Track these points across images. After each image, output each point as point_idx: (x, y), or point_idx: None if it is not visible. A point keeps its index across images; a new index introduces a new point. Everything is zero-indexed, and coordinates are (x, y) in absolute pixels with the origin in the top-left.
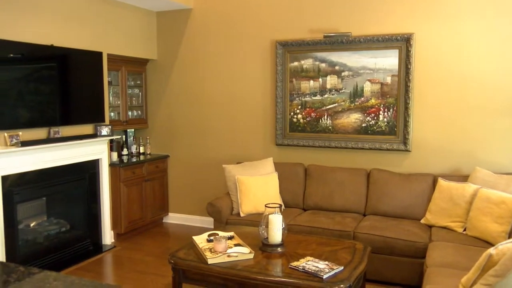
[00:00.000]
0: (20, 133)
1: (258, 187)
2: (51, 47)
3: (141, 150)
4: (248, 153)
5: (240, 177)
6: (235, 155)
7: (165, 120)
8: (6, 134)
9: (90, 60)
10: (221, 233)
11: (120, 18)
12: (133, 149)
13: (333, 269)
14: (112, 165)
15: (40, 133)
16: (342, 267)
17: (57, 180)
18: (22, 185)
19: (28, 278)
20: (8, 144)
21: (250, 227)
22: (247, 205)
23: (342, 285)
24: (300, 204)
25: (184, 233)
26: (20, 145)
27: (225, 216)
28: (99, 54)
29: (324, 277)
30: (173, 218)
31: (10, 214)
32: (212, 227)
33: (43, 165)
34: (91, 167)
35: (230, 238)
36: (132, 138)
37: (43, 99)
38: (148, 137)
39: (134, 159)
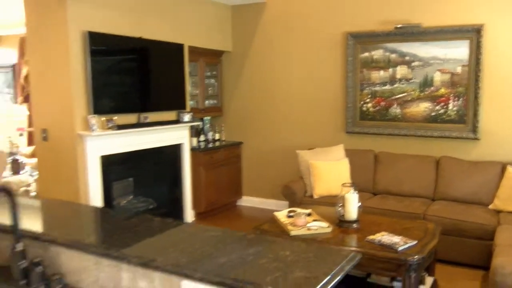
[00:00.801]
0: (115, 117)
1: (330, 172)
2: (140, 39)
3: (217, 137)
4: (319, 140)
5: (313, 162)
6: (307, 142)
7: (239, 108)
8: (103, 119)
9: (173, 51)
10: (299, 210)
11: (198, 12)
12: (209, 135)
13: (407, 243)
14: (192, 149)
15: (131, 118)
16: (416, 241)
17: (143, 162)
18: (115, 165)
19: (174, 229)
20: (105, 127)
21: (324, 206)
22: (320, 188)
23: (416, 256)
24: (370, 188)
25: (257, 215)
26: (116, 128)
27: (299, 197)
28: (181, 46)
29: (399, 249)
30: (247, 201)
31: (107, 191)
32: (283, 209)
33: (133, 147)
34: (174, 151)
35: (308, 214)
36: (208, 125)
37: (134, 87)
38: (223, 125)
39: (210, 145)
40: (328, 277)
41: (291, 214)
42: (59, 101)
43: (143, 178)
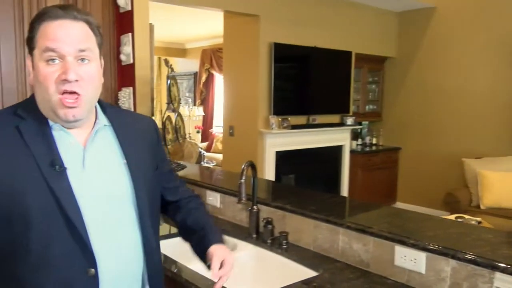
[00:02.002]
0: (289, 118)
1: (502, 182)
2: (314, 48)
3: (374, 141)
4: (486, 149)
5: (482, 171)
6: (471, 150)
7: (400, 114)
8: (280, 119)
9: (341, 58)
10: (467, 217)
11: (366, 20)
12: (367, 139)
13: None
14: (352, 151)
15: (301, 119)
16: None
17: (306, 160)
18: (284, 161)
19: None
20: (281, 127)
21: (493, 217)
22: (489, 199)
23: None
24: None
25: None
26: (290, 128)
27: (463, 206)
28: (349, 54)
29: None
30: (400, 207)
31: None
32: None
33: (301, 146)
34: (336, 152)
35: (479, 223)
36: (366, 129)
37: (305, 91)
38: (381, 130)
39: (367, 149)
40: None
41: (460, 220)
42: (247, 102)
43: (303, 175)
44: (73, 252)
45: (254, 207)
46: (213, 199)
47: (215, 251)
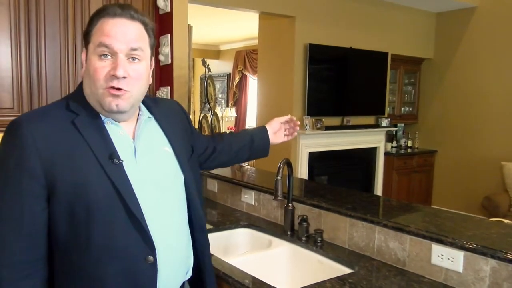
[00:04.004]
0: (323, 119)
1: None
2: (350, 49)
3: (409, 143)
4: None
5: None
6: (511, 153)
7: (436, 116)
8: (313, 120)
9: (377, 59)
10: (506, 221)
11: (403, 20)
12: (402, 142)
13: None
14: (387, 154)
15: (335, 120)
16: None
17: (340, 162)
18: (317, 162)
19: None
20: (315, 127)
21: None
22: None
23: None
24: None
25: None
26: (323, 129)
27: (502, 211)
28: (385, 55)
29: None
30: None
31: None
32: None
33: (334, 147)
34: (370, 153)
35: None
36: (401, 131)
37: (340, 92)
38: (417, 132)
39: (402, 151)
40: None
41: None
42: (281, 103)
43: (337, 177)
44: (134, 241)
45: (290, 204)
46: (248, 196)
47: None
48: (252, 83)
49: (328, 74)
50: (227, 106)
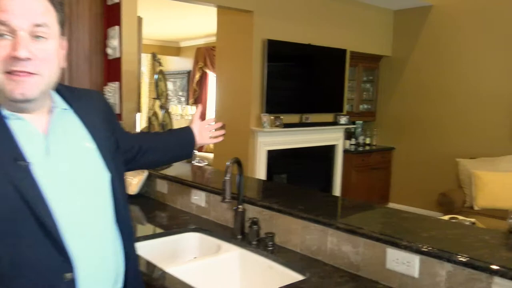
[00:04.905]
0: (282, 116)
1: (496, 183)
2: (309, 46)
3: (367, 141)
4: (481, 149)
5: (476, 172)
6: (467, 150)
7: (394, 114)
8: (272, 117)
9: (336, 57)
10: (461, 217)
11: (361, 17)
12: (360, 139)
13: None
14: (345, 151)
15: (294, 118)
16: None
17: (298, 160)
18: (276, 160)
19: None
20: (274, 125)
21: (488, 218)
22: (483, 199)
23: None
24: None
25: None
26: (282, 126)
27: (457, 207)
28: (343, 52)
29: None
30: (393, 208)
31: None
32: None
33: (294, 145)
34: (328, 151)
35: (473, 223)
36: (359, 129)
37: (298, 89)
38: (375, 129)
39: (360, 149)
40: None
41: (453, 220)
42: (239, 100)
43: (296, 175)
44: (47, 256)
45: (240, 206)
46: (198, 198)
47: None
48: (213, 80)
49: (287, 70)
50: (188, 104)
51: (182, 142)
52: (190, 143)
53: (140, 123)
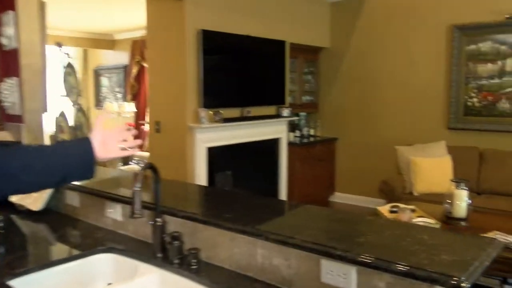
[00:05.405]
0: (222, 111)
1: (432, 169)
2: (246, 37)
3: (311, 132)
4: (418, 136)
5: (413, 158)
6: (405, 138)
7: (335, 104)
8: (211, 112)
9: (275, 48)
10: (402, 205)
11: (299, 9)
12: (305, 131)
13: None
14: (289, 144)
15: (235, 112)
16: None
17: (242, 155)
18: (218, 157)
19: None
20: (213, 120)
21: (426, 203)
22: (421, 185)
23: None
24: (474, 188)
25: (349, 211)
26: (222, 121)
27: (397, 194)
28: (283, 43)
29: None
30: (339, 198)
31: (211, 183)
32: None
33: (236, 140)
34: (272, 145)
35: (413, 211)
36: (303, 121)
37: (238, 82)
38: (318, 121)
39: (304, 140)
40: (477, 262)
41: (394, 209)
42: (174, 95)
43: (241, 171)
44: None
45: (158, 219)
46: (114, 211)
47: None
48: None
49: (225, 63)
50: (125, 100)
51: (73, 161)
52: (87, 160)
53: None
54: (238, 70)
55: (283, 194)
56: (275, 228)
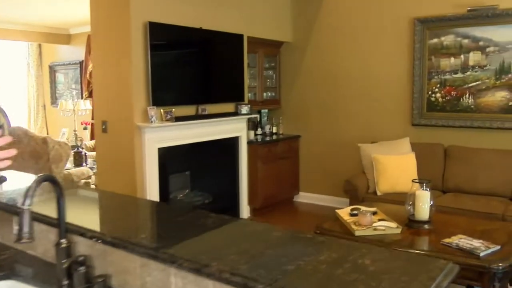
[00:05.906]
0: (173, 109)
1: (395, 167)
2: (200, 30)
3: (274, 130)
4: (382, 133)
5: (376, 156)
6: (369, 135)
7: (298, 101)
8: (162, 111)
9: (232, 42)
10: (363, 208)
11: (258, 2)
12: (267, 129)
13: (489, 248)
14: (249, 142)
15: (189, 110)
16: (499, 246)
17: (200, 155)
18: (172, 158)
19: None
20: (164, 119)
21: (389, 204)
22: (384, 184)
23: (501, 264)
24: (439, 186)
25: (315, 211)
26: (174, 120)
27: (361, 194)
28: (241, 37)
29: (481, 254)
30: (304, 197)
31: (164, 185)
32: (342, 207)
33: (191, 140)
34: (231, 144)
35: (374, 213)
36: (265, 118)
37: (192, 78)
38: (280, 118)
39: (267, 138)
40: None
41: (355, 212)
42: (120, 93)
43: (199, 171)
44: None
45: (62, 240)
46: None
47: None
48: None
49: (176, 58)
50: (82, 97)
51: None
52: None
53: None
54: (192, 66)
55: (244, 196)
56: (192, 252)
